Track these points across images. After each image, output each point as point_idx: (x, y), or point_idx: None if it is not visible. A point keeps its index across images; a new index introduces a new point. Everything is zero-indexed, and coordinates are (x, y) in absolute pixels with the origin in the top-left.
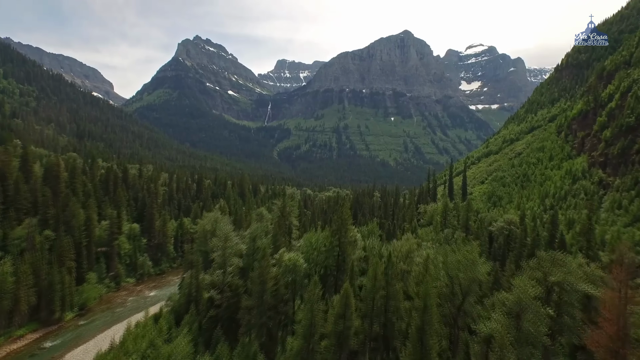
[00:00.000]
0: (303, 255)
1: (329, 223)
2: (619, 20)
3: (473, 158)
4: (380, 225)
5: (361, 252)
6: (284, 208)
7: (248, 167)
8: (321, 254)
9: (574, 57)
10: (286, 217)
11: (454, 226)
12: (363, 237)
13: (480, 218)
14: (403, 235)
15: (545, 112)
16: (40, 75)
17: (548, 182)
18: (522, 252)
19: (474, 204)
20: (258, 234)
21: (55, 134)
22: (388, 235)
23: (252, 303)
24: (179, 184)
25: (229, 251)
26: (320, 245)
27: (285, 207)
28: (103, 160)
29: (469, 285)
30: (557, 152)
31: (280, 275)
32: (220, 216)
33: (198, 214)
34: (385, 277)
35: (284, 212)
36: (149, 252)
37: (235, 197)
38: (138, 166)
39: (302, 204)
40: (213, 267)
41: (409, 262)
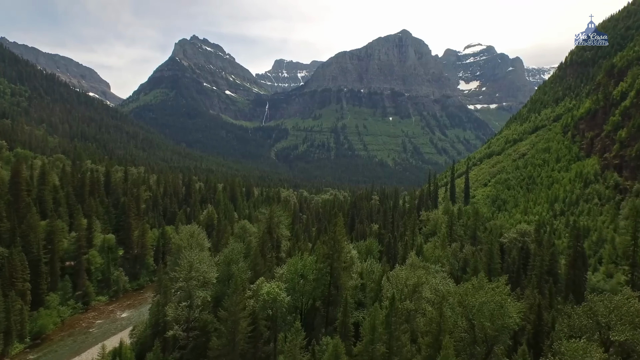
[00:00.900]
0: (287, 285)
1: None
2: (625, 17)
3: (475, 159)
4: (379, 238)
5: (357, 280)
6: (271, 219)
7: (245, 168)
8: (309, 282)
9: (578, 55)
10: (274, 229)
11: (460, 237)
12: (360, 254)
13: (489, 227)
14: (406, 256)
15: (549, 111)
16: (33, 75)
17: (556, 185)
18: (541, 271)
19: (478, 207)
20: (234, 258)
21: (45, 134)
22: (388, 249)
23: (222, 344)
24: (167, 188)
25: (193, 283)
26: (308, 272)
27: (273, 218)
28: (92, 162)
29: (497, 335)
30: (564, 153)
31: (259, 309)
32: (197, 230)
33: (183, 221)
34: (388, 330)
35: (271, 224)
36: (125, 265)
37: (225, 202)
38: (124, 169)
39: (297, 207)
40: (178, 298)
41: (416, 298)
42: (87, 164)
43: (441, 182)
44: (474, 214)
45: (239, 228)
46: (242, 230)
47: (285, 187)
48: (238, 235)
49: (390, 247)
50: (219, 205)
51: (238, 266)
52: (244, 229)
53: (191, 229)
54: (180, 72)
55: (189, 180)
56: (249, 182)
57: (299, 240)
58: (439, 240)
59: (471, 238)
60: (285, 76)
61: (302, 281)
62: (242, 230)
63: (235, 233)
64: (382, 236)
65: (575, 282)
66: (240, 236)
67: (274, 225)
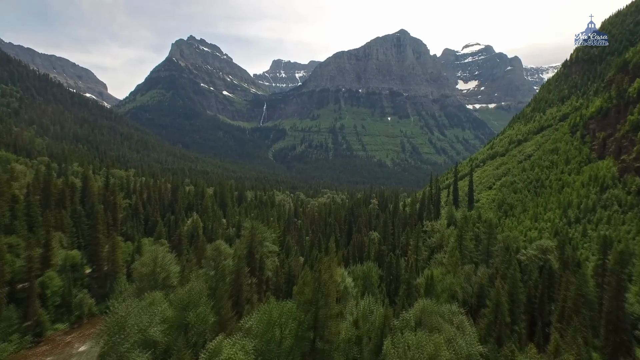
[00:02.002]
0: (256, 343)
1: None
2: (634, 11)
3: (477, 160)
4: (379, 255)
5: (352, 330)
6: (252, 238)
7: (242, 169)
8: (285, 339)
9: (584, 52)
10: (255, 248)
11: (470, 252)
12: (356, 281)
13: (501, 238)
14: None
15: (555, 110)
16: (26, 75)
17: (567, 189)
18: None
19: (483, 212)
20: (193, 299)
21: (33, 136)
22: (389, 271)
23: None
24: (151, 193)
25: (125, 346)
26: (284, 324)
27: (255, 235)
28: (79, 165)
29: None
30: (574, 154)
31: None
32: (162, 253)
33: (163, 233)
34: None
35: (252, 242)
36: (93, 286)
37: (214, 209)
38: (105, 172)
39: (292, 212)
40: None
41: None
42: (74, 167)
43: (442, 184)
44: (487, 227)
45: (212, 250)
46: (215, 252)
47: (281, 190)
48: (211, 258)
49: (391, 269)
50: (206, 213)
51: (197, 311)
52: (217, 251)
53: (155, 252)
54: (177, 73)
55: (175, 185)
56: (243, 184)
57: (289, 255)
58: (446, 258)
59: (484, 254)
60: (283, 76)
61: (278, 335)
62: (215, 252)
63: (208, 256)
64: (382, 253)
65: (617, 315)
66: (214, 259)
67: (255, 244)
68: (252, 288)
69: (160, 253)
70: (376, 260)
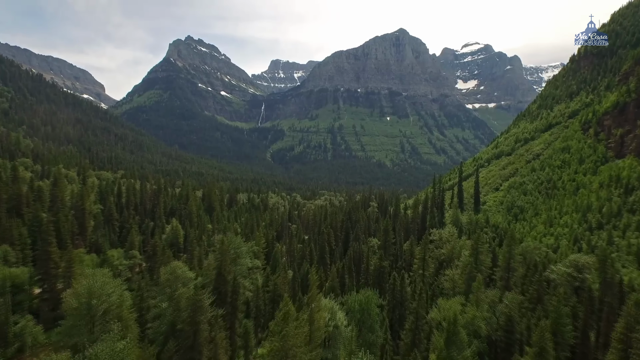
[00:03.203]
0: None
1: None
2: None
3: (482, 160)
4: (379, 273)
5: None
6: (223, 257)
7: (238, 170)
8: None
9: (593, 45)
10: (226, 269)
11: (487, 267)
12: (352, 314)
13: (521, 250)
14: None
15: (564, 107)
16: (18, 76)
17: (583, 190)
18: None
19: (491, 216)
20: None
21: (19, 137)
22: (392, 295)
23: None
24: (130, 197)
25: None
26: None
27: (226, 253)
28: (64, 167)
29: None
30: (588, 152)
31: None
32: (103, 276)
33: (136, 242)
34: None
35: (222, 263)
36: (43, 309)
37: (199, 213)
38: (82, 174)
39: (286, 217)
40: None
41: None
42: (58, 169)
43: (445, 185)
44: (509, 238)
45: (168, 273)
46: (171, 277)
47: (276, 192)
48: (166, 285)
49: (395, 293)
50: (190, 219)
51: None
52: (174, 276)
53: (92, 278)
54: (174, 73)
55: (159, 187)
56: (237, 186)
57: (276, 269)
58: (459, 274)
59: (504, 270)
60: (282, 76)
61: None
62: (171, 277)
63: (162, 282)
64: (382, 270)
65: None
66: (170, 285)
67: (227, 263)
68: (218, 323)
69: (100, 278)
70: (377, 280)
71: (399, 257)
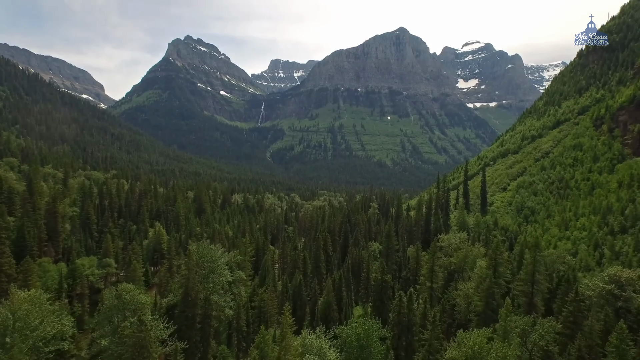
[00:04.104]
0: None
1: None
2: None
3: (487, 159)
4: (381, 287)
5: None
6: (190, 275)
7: (237, 170)
8: None
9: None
10: (193, 289)
11: (507, 279)
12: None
13: (543, 259)
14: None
15: (572, 103)
16: (14, 75)
17: (599, 190)
18: None
19: (500, 218)
20: None
21: (10, 137)
22: (398, 318)
23: None
24: (113, 199)
25: None
26: None
27: (194, 270)
28: (53, 167)
29: None
30: (602, 150)
31: None
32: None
33: (111, 249)
34: None
35: (189, 283)
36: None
37: (187, 216)
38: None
39: (282, 219)
40: None
41: None
42: (46, 169)
43: (449, 185)
44: (533, 246)
45: (113, 297)
46: (118, 303)
47: (274, 192)
48: (109, 314)
49: (401, 318)
50: (176, 221)
51: None
52: (121, 301)
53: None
54: (173, 73)
55: (144, 188)
56: (234, 186)
57: (265, 279)
58: (474, 288)
59: (526, 283)
60: (282, 76)
61: None
62: (118, 303)
63: (104, 309)
64: (384, 286)
65: None
66: (119, 311)
67: (195, 282)
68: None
69: (25, 300)
70: (378, 295)
71: (403, 266)
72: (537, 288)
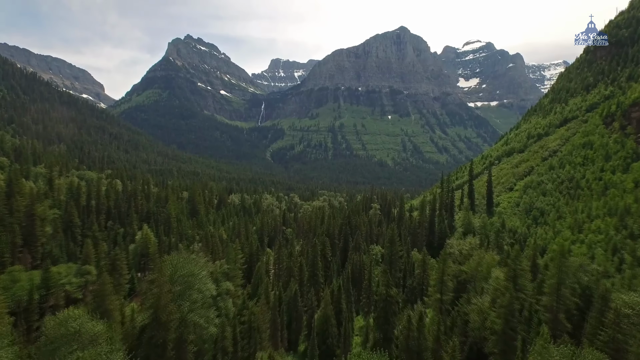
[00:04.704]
0: None
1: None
2: None
3: (491, 158)
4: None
5: None
6: (161, 295)
7: (237, 170)
8: None
9: (611, 34)
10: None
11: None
12: None
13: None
14: None
15: (580, 100)
16: (11, 73)
17: (614, 190)
18: None
19: (507, 219)
20: None
21: (10, 136)
22: (406, 345)
23: None
24: (101, 199)
25: None
26: None
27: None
28: (46, 167)
29: None
30: (615, 148)
31: None
32: None
33: (91, 256)
34: None
35: (160, 302)
36: None
37: (179, 217)
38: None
39: (280, 221)
40: None
41: None
42: (38, 168)
43: (452, 184)
44: (559, 255)
45: (57, 327)
46: (66, 332)
47: (272, 192)
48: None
49: (409, 342)
50: (169, 223)
51: None
52: (68, 332)
53: None
54: (173, 72)
55: (133, 189)
56: (232, 186)
57: (258, 289)
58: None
59: (552, 298)
60: (282, 76)
61: None
62: (66, 332)
63: (43, 343)
64: (390, 301)
65: None
66: (63, 345)
67: (165, 302)
68: None
69: None
70: (383, 312)
71: (408, 273)
72: (562, 303)
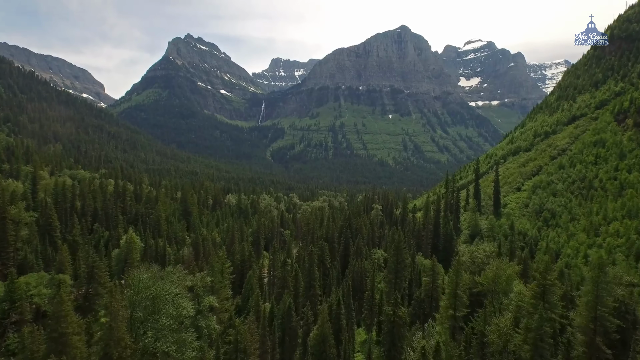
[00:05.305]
0: None
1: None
2: None
3: (497, 156)
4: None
5: None
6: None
7: (236, 169)
8: None
9: (621, 29)
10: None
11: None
12: None
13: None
14: None
15: (588, 97)
16: (9, 72)
17: (631, 190)
18: None
19: (516, 221)
20: None
21: (5, 135)
22: None
23: None
24: (87, 200)
25: None
26: None
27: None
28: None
29: None
30: (629, 146)
31: None
32: None
33: (65, 264)
34: None
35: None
36: None
37: (170, 220)
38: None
39: (278, 222)
40: None
41: None
42: (29, 168)
43: (456, 184)
44: (597, 268)
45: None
46: None
47: (271, 192)
48: None
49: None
50: (158, 225)
51: None
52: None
53: None
54: (173, 72)
55: (122, 188)
56: (230, 186)
57: (247, 305)
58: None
59: (587, 318)
60: (283, 75)
61: None
62: None
63: None
64: (397, 322)
65: None
66: None
67: (120, 335)
68: None
69: None
70: (389, 335)
71: (414, 282)
72: (600, 324)
